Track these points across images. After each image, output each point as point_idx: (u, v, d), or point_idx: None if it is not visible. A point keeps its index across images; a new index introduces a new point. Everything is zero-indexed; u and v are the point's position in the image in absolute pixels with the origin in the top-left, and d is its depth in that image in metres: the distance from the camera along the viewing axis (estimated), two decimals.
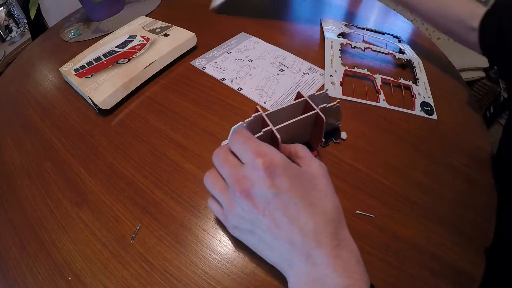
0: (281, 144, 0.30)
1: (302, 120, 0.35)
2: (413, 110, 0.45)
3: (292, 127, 0.34)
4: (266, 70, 0.53)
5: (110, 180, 0.39)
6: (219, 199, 0.28)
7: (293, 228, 0.23)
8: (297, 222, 0.23)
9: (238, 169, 0.26)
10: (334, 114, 0.39)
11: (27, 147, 0.45)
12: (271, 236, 0.24)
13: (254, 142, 0.26)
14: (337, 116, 0.40)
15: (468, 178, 0.38)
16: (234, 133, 0.27)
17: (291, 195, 0.24)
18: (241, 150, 0.26)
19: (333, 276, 0.22)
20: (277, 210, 0.24)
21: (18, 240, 0.35)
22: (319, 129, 0.36)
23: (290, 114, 0.37)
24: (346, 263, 0.22)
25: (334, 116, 0.40)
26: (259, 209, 0.24)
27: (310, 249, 0.23)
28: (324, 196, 0.25)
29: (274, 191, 0.23)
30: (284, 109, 0.36)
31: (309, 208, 0.24)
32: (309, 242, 0.23)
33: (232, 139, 0.27)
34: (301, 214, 0.23)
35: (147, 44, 0.56)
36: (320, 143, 0.38)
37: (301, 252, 0.23)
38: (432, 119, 0.44)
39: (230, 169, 0.26)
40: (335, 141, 0.41)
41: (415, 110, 0.44)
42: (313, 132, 0.38)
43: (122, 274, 0.31)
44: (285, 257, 0.24)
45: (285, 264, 0.25)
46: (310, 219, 0.23)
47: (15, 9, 1.65)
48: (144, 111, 0.48)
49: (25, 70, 0.64)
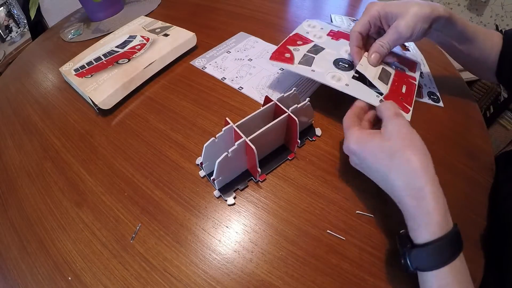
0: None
1: (274, 125, 0.35)
2: (421, 98, 0.47)
3: (265, 134, 0.35)
4: (266, 69, 0.53)
5: (110, 180, 0.39)
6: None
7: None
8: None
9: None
10: (306, 113, 0.39)
11: (27, 147, 0.45)
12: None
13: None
14: (309, 115, 0.40)
15: (468, 178, 0.38)
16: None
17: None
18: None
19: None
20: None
21: (18, 240, 0.35)
22: (293, 131, 0.36)
23: (262, 120, 0.37)
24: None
25: (306, 114, 0.40)
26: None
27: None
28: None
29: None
30: (254, 116, 0.36)
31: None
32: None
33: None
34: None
35: (147, 44, 0.56)
36: (296, 144, 0.38)
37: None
38: (439, 106, 0.46)
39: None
40: (311, 139, 0.41)
41: (423, 98, 0.47)
42: (288, 134, 0.38)
43: (122, 274, 0.31)
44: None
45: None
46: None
47: (15, 9, 1.65)
48: (144, 111, 0.48)
49: (25, 70, 0.64)
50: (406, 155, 0.27)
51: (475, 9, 1.42)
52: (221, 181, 0.36)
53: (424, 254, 0.25)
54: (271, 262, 0.31)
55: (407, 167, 0.27)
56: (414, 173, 0.27)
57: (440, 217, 0.25)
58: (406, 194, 0.27)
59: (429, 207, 0.25)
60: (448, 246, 0.25)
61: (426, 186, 0.26)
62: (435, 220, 0.25)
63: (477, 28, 0.40)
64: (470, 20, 1.46)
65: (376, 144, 0.29)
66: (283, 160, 0.39)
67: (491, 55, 0.42)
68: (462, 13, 1.48)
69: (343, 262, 0.31)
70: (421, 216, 0.26)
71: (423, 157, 0.27)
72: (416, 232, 0.26)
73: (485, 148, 0.42)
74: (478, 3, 1.39)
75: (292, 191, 0.36)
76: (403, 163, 0.27)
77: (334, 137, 0.42)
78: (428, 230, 0.25)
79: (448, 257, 0.25)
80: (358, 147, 0.31)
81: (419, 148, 0.28)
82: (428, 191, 0.26)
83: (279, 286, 0.29)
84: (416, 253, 0.26)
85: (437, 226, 0.25)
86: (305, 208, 0.35)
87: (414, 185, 0.26)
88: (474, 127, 0.45)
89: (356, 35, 0.40)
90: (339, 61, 0.43)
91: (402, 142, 0.28)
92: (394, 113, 0.31)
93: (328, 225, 0.33)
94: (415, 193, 0.26)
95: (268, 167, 0.38)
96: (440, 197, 0.26)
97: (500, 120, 1.27)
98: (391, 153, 0.28)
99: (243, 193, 0.37)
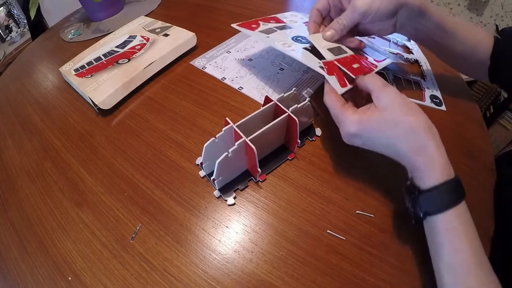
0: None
1: (274, 125, 0.35)
2: (424, 101, 0.47)
3: (265, 134, 0.34)
4: (266, 69, 0.53)
5: (110, 180, 0.39)
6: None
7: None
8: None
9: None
10: (306, 113, 0.39)
11: (27, 147, 0.45)
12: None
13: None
14: (309, 115, 0.40)
15: (468, 178, 0.38)
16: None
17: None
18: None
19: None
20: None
21: (18, 240, 0.35)
22: (293, 131, 0.36)
23: (262, 120, 0.37)
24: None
25: (306, 114, 0.40)
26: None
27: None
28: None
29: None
30: (254, 116, 0.36)
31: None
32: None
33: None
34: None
35: (147, 44, 0.56)
36: (296, 144, 0.38)
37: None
38: (442, 110, 0.46)
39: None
40: (311, 139, 0.41)
41: (425, 101, 0.46)
42: (288, 134, 0.38)
43: (122, 274, 0.31)
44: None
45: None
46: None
47: (15, 9, 1.65)
48: (144, 111, 0.48)
49: (25, 70, 0.64)
50: (408, 121, 0.29)
51: (475, 9, 1.42)
52: (221, 181, 0.36)
53: (431, 197, 0.28)
54: (271, 262, 0.31)
55: (410, 131, 0.29)
56: (418, 135, 0.29)
57: (442, 165, 0.28)
58: (412, 154, 0.29)
59: (433, 158, 0.28)
60: (452, 190, 0.28)
61: (429, 142, 0.29)
62: (439, 168, 0.28)
63: (458, 23, 0.40)
64: (470, 20, 1.46)
65: (377, 119, 0.30)
66: (283, 160, 0.39)
67: (476, 51, 0.42)
68: (462, 13, 1.48)
69: (343, 262, 0.31)
70: (426, 166, 0.28)
71: (422, 118, 0.30)
72: (422, 180, 0.29)
73: (485, 148, 0.42)
74: (478, 3, 1.39)
75: (292, 191, 0.36)
76: (406, 129, 0.29)
77: (335, 137, 0.42)
78: (433, 177, 0.28)
79: (453, 200, 0.27)
80: (360, 129, 0.31)
81: (416, 111, 0.30)
82: (431, 146, 0.28)
83: (279, 286, 0.29)
84: (423, 197, 0.28)
85: (441, 173, 0.28)
86: (305, 208, 0.35)
87: (418, 145, 0.29)
88: (474, 127, 0.45)
89: (314, 12, 0.42)
90: (298, 37, 0.43)
91: (400, 110, 0.30)
92: (382, 84, 0.32)
93: (328, 225, 0.33)
94: (420, 151, 0.29)
95: (268, 167, 0.38)
96: (441, 149, 0.29)
97: (500, 120, 1.27)
98: (393, 122, 0.30)
99: (243, 193, 0.37)
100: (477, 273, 0.26)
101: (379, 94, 0.31)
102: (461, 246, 0.26)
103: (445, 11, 1.52)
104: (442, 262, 0.27)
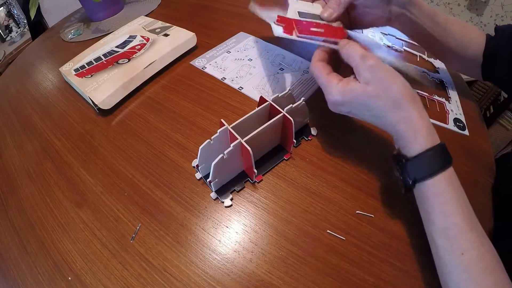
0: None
1: (270, 125, 0.35)
2: (447, 124, 0.45)
3: (261, 135, 0.34)
4: (266, 69, 0.53)
5: (110, 180, 0.39)
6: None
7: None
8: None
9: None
10: (301, 112, 0.39)
11: (27, 147, 0.45)
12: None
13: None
14: (304, 114, 0.40)
15: (468, 178, 0.38)
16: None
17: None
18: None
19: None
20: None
21: (18, 240, 0.35)
22: (288, 131, 0.36)
23: (257, 121, 0.37)
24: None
25: (301, 114, 0.40)
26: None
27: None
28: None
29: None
30: (249, 117, 0.36)
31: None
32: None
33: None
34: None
35: (147, 44, 0.56)
36: (292, 144, 0.38)
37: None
38: (464, 134, 0.44)
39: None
40: (307, 139, 0.41)
41: (448, 124, 0.45)
42: (284, 134, 0.38)
43: (122, 274, 0.31)
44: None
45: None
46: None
47: (15, 9, 1.65)
48: (144, 111, 0.48)
49: (25, 70, 0.64)
50: (390, 94, 0.30)
51: (475, 9, 1.42)
52: (218, 183, 0.35)
53: (418, 164, 0.29)
54: (271, 262, 0.31)
55: (393, 103, 0.30)
56: (400, 105, 0.30)
57: (427, 133, 0.29)
58: (396, 123, 0.30)
59: (417, 126, 0.29)
60: (438, 155, 0.28)
61: (413, 111, 0.29)
62: (423, 135, 0.29)
63: (450, 18, 0.41)
64: (470, 20, 1.47)
65: (361, 93, 0.31)
66: (279, 160, 0.39)
67: (469, 48, 0.42)
68: (462, 13, 1.48)
69: (343, 262, 0.31)
70: (410, 134, 0.29)
71: (404, 88, 0.30)
72: (407, 148, 0.30)
73: (485, 148, 0.42)
74: (478, 3, 1.39)
75: (292, 191, 0.36)
76: (389, 101, 0.30)
77: (333, 136, 0.42)
78: (418, 144, 0.29)
79: (440, 166, 0.28)
80: (345, 99, 0.32)
81: (397, 81, 0.30)
82: (414, 115, 0.29)
83: (279, 286, 0.29)
84: (411, 164, 0.29)
85: (425, 140, 0.29)
86: (305, 208, 0.35)
87: (402, 114, 0.30)
88: (474, 127, 0.45)
89: None
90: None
91: (382, 83, 0.30)
92: (360, 57, 0.31)
93: (328, 225, 0.33)
94: (404, 120, 0.30)
95: (264, 167, 0.38)
96: (425, 117, 0.30)
97: (500, 120, 1.28)
98: (376, 96, 0.30)
99: (243, 193, 0.37)
100: (469, 235, 0.26)
101: (359, 69, 0.31)
102: (451, 209, 0.27)
103: (445, 11, 1.52)
104: (433, 226, 0.28)
